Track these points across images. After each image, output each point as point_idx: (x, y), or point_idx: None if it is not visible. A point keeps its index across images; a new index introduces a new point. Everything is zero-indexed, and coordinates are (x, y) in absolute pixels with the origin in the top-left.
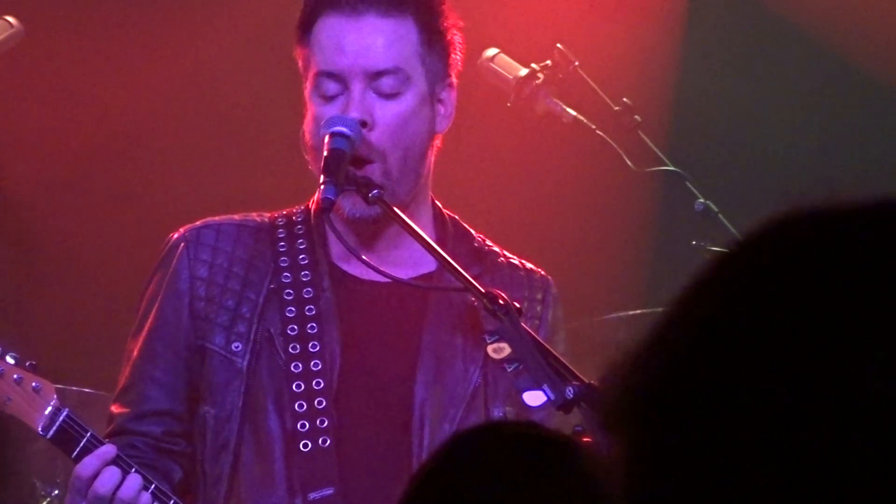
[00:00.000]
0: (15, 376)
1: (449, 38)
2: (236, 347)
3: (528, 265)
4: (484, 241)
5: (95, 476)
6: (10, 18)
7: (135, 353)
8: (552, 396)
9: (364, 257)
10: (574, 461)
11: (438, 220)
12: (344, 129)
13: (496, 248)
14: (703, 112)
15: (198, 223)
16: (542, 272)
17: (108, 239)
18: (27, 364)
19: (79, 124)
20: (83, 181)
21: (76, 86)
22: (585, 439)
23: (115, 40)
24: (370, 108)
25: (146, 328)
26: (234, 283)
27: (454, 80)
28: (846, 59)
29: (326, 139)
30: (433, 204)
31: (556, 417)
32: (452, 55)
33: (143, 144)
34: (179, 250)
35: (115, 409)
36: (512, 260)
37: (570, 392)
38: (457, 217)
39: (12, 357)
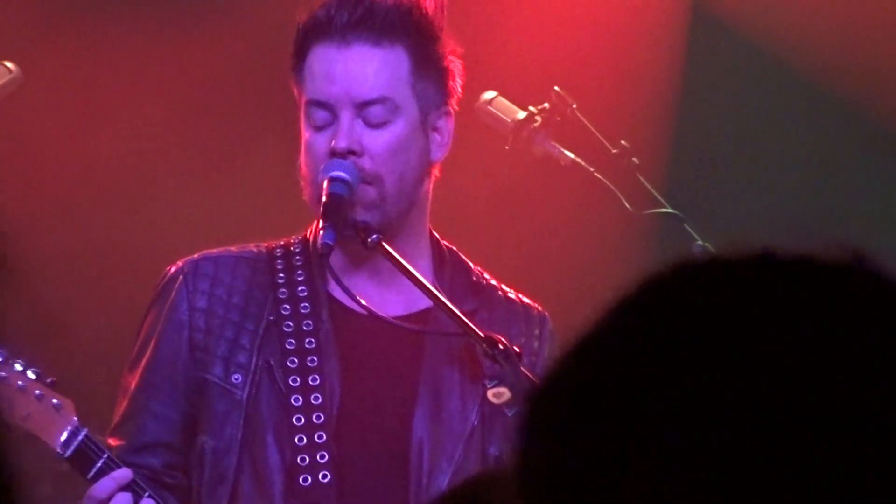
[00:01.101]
0: (36, 392)
1: (445, 64)
2: (236, 379)
3: (526, 300)
4: (482, 274)
5: (109, 499)
6: (8, 64)
7: (132, 385)
8: None
9: (361, 300)
10: None
11: (436, 251)
12: (343, 175)
13: (494, 282)
14: (702, 154)
15: (195, 256)
16: (539, 308)
17: (103, 272)
18: (48, 381)
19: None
20: (77, 213)
21: (77, 108)
22: None
23: (115, 60)
24: (359, 138)
25: (144, 360)
26: (233, 314)
27: (452, 107)
28: (848, 100)
29: (325, 184)
30: (431, 235)
31: None
32: (450, 82)
33: (135, 180)
34: (178, 282)
35: (112, 441)
36: (510, 294)
37: None
38: (455, 248)
39: (34, 373)
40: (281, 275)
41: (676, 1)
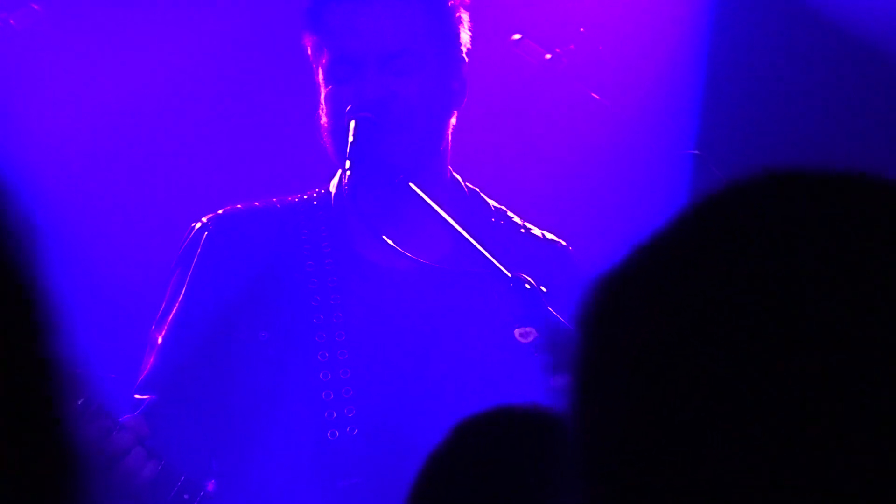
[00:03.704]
0: None
1: (458, 15)
2: (262, 337)
3: (550, 235)
4: (505, 212)
5: (126, 453)
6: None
7: (159, 341)
8: None
9: (390, 241)
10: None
11: (458, 195)
12: (368, 115)
13: (517, 220)
14: (733, 99)
15: (220, 211)
16: (563, 242)
17: (126, 227)
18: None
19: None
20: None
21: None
22: None
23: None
24: (387, 87)
25: (171, 316)
26: (258, 272)
27: (465, 56)
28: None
29: (351, 125)
30: (452, 178)
31: None
32: (462, 32)
33: (152, 132)
34: (203, 238)
35: (139, 396)
36: (533, 231)
37: None
38: (477, 190)
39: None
40: (304, 230)
41: None
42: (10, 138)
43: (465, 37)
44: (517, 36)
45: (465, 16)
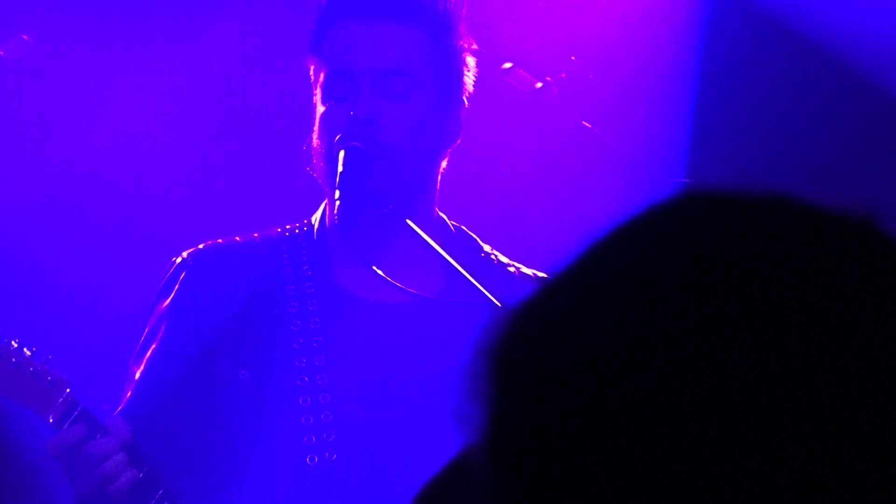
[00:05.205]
0: (31, 369)
1: (462, 57)
2: (242, 375)
3: (538, 275)
4: (491, 251)
5: (107, 457)
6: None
7: (137, 376)
8: None
9: (379, 272)
10: None
11: (444, 230)
12: (357, 144)
13: (504, 260)
14: (723, 127)
15: (200, 245)
16: None
17: (108, 265)
18: (44, 358)
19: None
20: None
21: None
22: None
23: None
24: (379, 108)
25: (150, 352)
26: (237, 305)
27: (465, 99)
28: (872, 74)
29: (341, 154)
30: (438, 217)
31: None
32: (465, 75)
33: (141, 159)
34: (183, 274)
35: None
36: (522, 270)
37: None
38: (462, 227)
39: (29, 350)
40: (286, 262)
41: None
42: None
43: (469, 81)
44: (508, 65)
45: (471, 61)
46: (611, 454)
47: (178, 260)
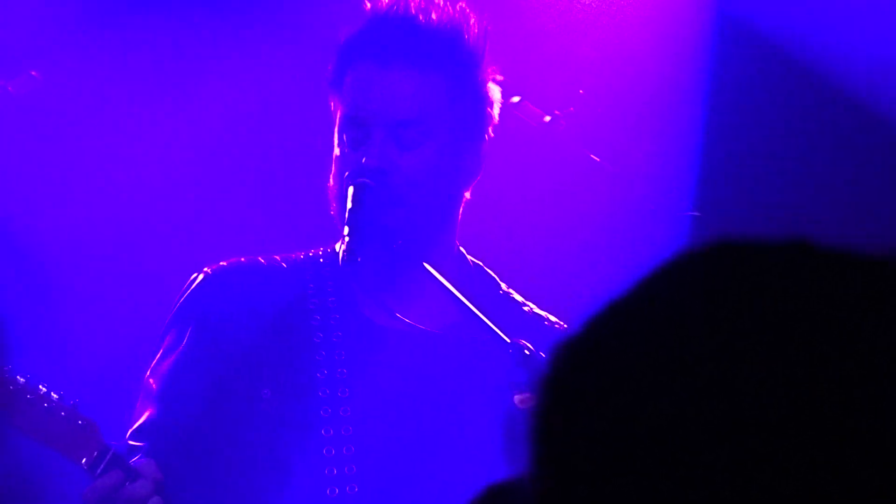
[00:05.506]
0: (61, 413)
1: (484, 91)
2: (264, 394)
3: (552, 318)
4: (508, 290)
5: (145, 500)
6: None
7: (154, 390)
8: None
9: (392, 309)
10: None
11: (463, 268)
12: (367, 181)
13: (520, 299)
14: (730, 159)
15: (223, 262)
16: (565, 325)
17: (127, 278)
18: (71, 402)
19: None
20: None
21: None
22: None
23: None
24: (389, 157)
25: (168, 365)
26: (261, 326)
27: (488, 133)
28: (879, 107)
29: (350, 191)
30: (458, 252)
31: None
32: (487, 109)
33: (169, 180)
34: (204, 290)
35: (134, 444)
36: (536, 311)
37: None
38: (481, 264)
39: (57, 395)
40: (311, 285)
41: (701, 5)
42: (9, 200)
43: (493, 113)
44: (516, 98)
45: (495, 92)
46: (638, 476)
47: (200, 276)
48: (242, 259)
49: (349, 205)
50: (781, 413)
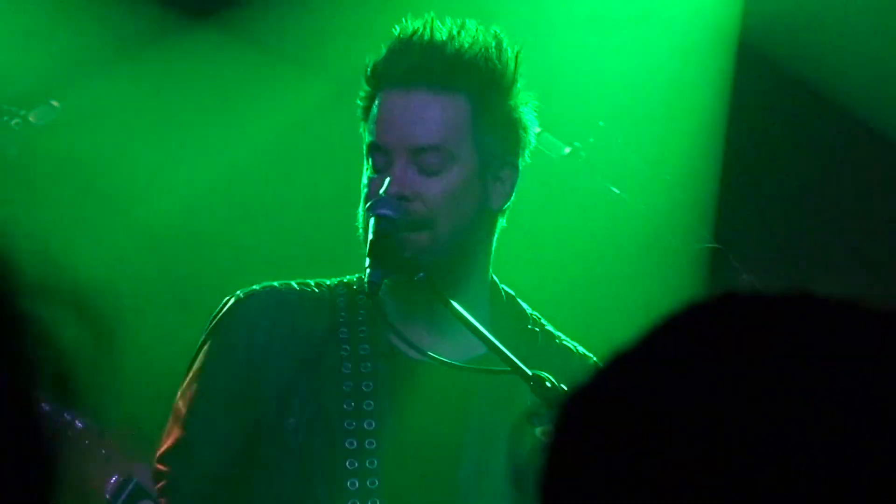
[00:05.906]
0: (85, 442)
1: (514, 115)
2: (291, 423)
3: (581, 349)
4: (539, 320)
5: None
6: (54, 102)
7: (183, 413)
8: None
9: (419, 341)
10: None
11: (495, 297)
12: (388, 212)
13: (551, 329)
14: (750, 189)
15: (256, 287)
16: (595, 358)
17: (167, 304)
18: (96, 431)
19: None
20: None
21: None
22: None
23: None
24: (411, 184)
25: (197, 389)
26: (291, 354)
27: (518, 158)
28: None
29: (371, 222)
30: (492, 281)
31: None
32: (519, 132)
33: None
34: (237, 314)
35: (160, 467)
36: (566, 343)
37: None
38: (514, 294)
39: (81, 423)
40: (342, 314)
41: (723, 36)
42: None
43: (527, 137)
44: (536, 129)
45: (527, 116)
46: None
47: (232, 300)
48: (276, 284)
49: (371, 236)
50: (784, 472)
